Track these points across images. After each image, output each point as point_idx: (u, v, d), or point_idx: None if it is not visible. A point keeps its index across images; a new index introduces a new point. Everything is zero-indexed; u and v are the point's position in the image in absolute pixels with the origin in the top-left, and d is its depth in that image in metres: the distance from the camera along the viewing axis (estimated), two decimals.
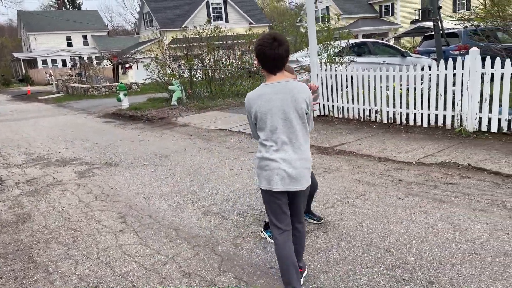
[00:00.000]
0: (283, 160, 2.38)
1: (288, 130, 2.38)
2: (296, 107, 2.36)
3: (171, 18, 32.04)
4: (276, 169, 2.39)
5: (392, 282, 2.68)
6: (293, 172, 2.38)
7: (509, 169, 4.55)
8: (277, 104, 2.36)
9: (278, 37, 2.33)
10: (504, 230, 3.25)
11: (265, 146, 2.43)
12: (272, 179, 2.40)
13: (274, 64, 2.36)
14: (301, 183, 2.42)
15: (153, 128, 9.60)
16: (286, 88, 2.37)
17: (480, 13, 7.37)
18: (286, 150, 2.39)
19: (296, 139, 2.39)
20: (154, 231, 3.76)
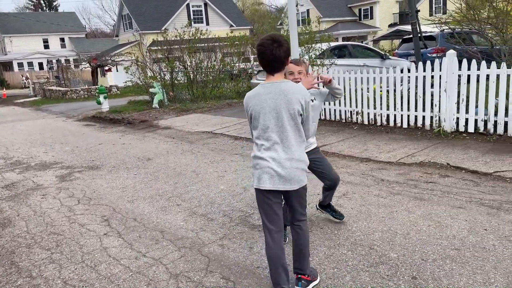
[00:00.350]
0: (273, 159, 2.41)
1: (279, 129, 2.41)
2: (288, 108, 2.39)
3: (151, 21, 31.78)
4: (265, 167, 2.42)
5: (376, 278, 2.75)
6: (282, 171, 2.41)
7: (485, 168, 4.70)
8: (269, 104, 2.40)
9: (277, 39, 2.38)
10: (482, 226, 3.36)
11: (257, 145, 2.48)
12: (261, 177, 2.44)
13: (272, 65, 2.41)
14: (291, 183, 2.44)
15: (134, 131, 9.51)
16: (279, 88, 2.40)
17: (456, 17, 7.60)
18: (276, 150, 2.42)
19: (286, 139, 2.41)
20: (139, 234, 3.73)
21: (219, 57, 15.26)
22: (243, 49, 16.73)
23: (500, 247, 3.01)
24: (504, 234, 3.19)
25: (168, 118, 10.91)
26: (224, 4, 35.40)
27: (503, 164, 4.73)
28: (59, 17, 51.19)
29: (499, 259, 2.85)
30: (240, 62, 16.21)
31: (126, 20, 34.51)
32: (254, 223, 3.78)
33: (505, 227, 3.31)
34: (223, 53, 16.12)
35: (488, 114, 5.82)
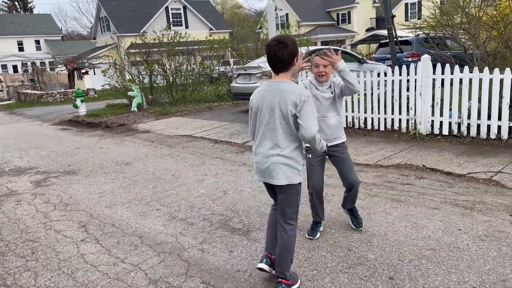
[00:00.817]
0: (261, 153, 2.60)
1: (271, 126, 2.55)
2: (281, 107, 2.50)
3: (129, 23, 31.45)
4: (256, 162, 2.65)
5: (355, 280, 2.79)
6: (268, 165, 2.56)
7: (459, 169, 4.84)
8: (267, 101, 2.55)
9: (283, 40, 2.50)
10: (456, 226, 3.46)
11: (253, 140, 2.71)
12: (255, 170, 2.70)
13: (275, 65, 2.54)
14: (276, 178, 2.56)
15: (112, 135, 9.37)
16: (277, 88, 2.53)
17: (430, 22, 7.80)
18: (266, 145, 2.58)
19: (275, 136, 2.54)
20: (117, 240, 3.68)
21: (198, 61, 15.22)
22: (222, 52, 16.74)
23: (474, 246, 3.10)
24: (478, 234, 3.29)
25: (147, 121, 10.80)
26: (204, 7, 35.37)
27: (476, 166, 4.87)
28: (34, 19, 50.08)
29: (472, 258, 2.93)
30: (220, 66, 16.20)
31: (104, 23, 34.05)
32: (235, 227, 3.78)
33: (478, 227, 3.41)
34: (202, 57, 16.09)
35: (461, 117, 5.99)
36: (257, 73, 9.90)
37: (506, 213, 3.64)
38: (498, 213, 3.64)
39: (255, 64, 10.63)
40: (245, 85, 10.30)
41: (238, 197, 4.56)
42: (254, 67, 10.26)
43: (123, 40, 21.03)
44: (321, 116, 3.26)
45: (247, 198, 4.51)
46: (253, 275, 2.93)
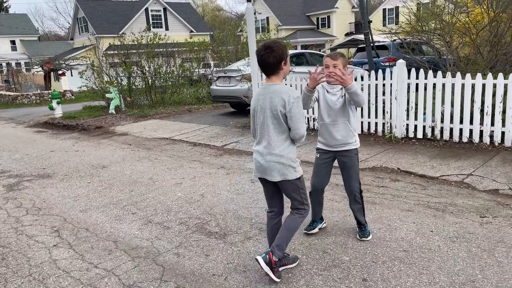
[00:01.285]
0: (258, 152, 2.78)
1: (265, 127, 2.73)
2: (272, 108, 2.67)
3: (108, 24, 31.02)
4: (254, 159, 2.82)
5: (329, 282, 2.82)
6: (263, 163, 2.75)
7: (432, 172, 4.95)
8: (261, 103, 2.72)
9: (269, 46, 2.64)
10: (428, 227, 3.53)
11: (255, 138, 2.86)
12: (254, 167, 2.86)
13: (264, 69, 2.70)
14: (271, 174, 2.75)
15: (89, 138, 9.21)
16: (268, 90, 2.70)
17: (405, 28, 7.97)
18: (261, 144, 2.77)
19: (268, 135, 2.72)
20: (91, 244, 3.62)
21: (178, 63, 15.12)
22: (202, 54, 16.69)
23: (445, 247, 3.17)
24: (449, 235, 3.37)
25: (125, 124, 10.66)
26: (184, 9, 35.22)
27: (448, 168, 5.00)
28: (9, 18, 48.80)
29: (443, 260, 3.00)
30: (200, 68, 16.15)
31: (82, 23, 33.49)
32: (211, 230, 3.77)
33: (449, 228, 3.49)
34: (182, 59, 16.00)
35: (435, 121, 6.13)
36: (237, 76, 9.91)
37: (476, 215, 3.74)
38: (469, 215, 3.74)
39: (234, 67, 10.65)
40: (224, 88, 10.30)
41: (216, 201, 4.55)
42: (233, 70, 10.27)
43: (101, 41, 20.72)
44: (332, 120, 3.25)
45: (225, 202, 4.50)
46: (229, 279, 2.92)
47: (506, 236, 3.29)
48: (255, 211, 4.18)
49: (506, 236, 3.30)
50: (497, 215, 3.71)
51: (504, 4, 6.43)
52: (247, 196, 4.62)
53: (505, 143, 5.57)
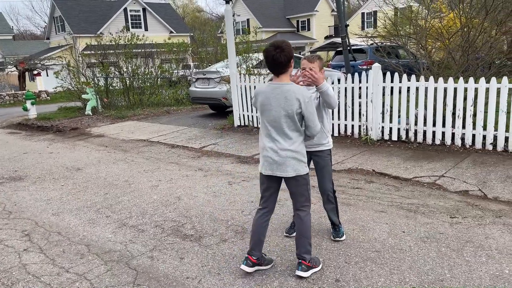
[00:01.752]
0: (271, 149, 2.80)
1: (278, 125, 2.77)
2: (286, 107, 2.72)
3: (86, 24, 30.51)
4: (266, 156, 2.83)
5: (303, 283, 2.84)
6: (278, 159, 2.78)
7: (406, 174, 5.05)
8: (272, 102, 2.77)
9: (279, 45, 2.71)
10: (400, 228, 3.61)
11: (261, 136, 2.89)
12: (263, 164, 2.87)
13: (274, 68, 2.75)
14: (286, 170, 2.80)
15: (64, 139, 9.03)
16: (281, 90, 2.75)
17: (381, 32, 8.12)
18: (275, 141, 2.79)
19: (283, 132, 2.78)
20: (63, 249, 3.55)
21: (157, 64, 14.99)
22: (182, 55, 16.59)
23: (416, 248, 3.25)
24: (420, 236, 3.45)
25: (101, 125, 10.49)
26: (164, 10, 34.94)
27: (421, 170, 5.11)
28: None
29: (414, 259, 3.07)
30: (179, 69, 16.04)
31: (58, 22, 32.81)
32: (187, 233, 3.75)
33: (420, 229, 3.57)
34: (161, 60, 15.87)
35: (409, 124, 6.26)
36: (216, 77, 9.89)
37: (446, 215, 3.83)
38: (440, 216, 3.84)
39: (213, 69, 10.62)
40: (203, 89, 10.26)
41: (192, 203, 4.53)
42: (213, 72, 10.24)
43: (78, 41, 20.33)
44: None
45: (201, 204, 4.48)
46: (202, 282, 2.91)
47: (474, 236, 3.39)
48: (231, 213, 4.17)
49: (475, 236, 3.40)
50: (467, 216, 3.81)
51: (475, 11, 6.62)
52: (224, 199, 4.61)
53: (476, 146, 5.74)
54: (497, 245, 3.21)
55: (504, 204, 4.06)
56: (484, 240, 3.31)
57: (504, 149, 5.54)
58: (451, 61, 6.71)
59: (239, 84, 8.52)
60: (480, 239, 3.33)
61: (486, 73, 6.21)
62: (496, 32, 6.39)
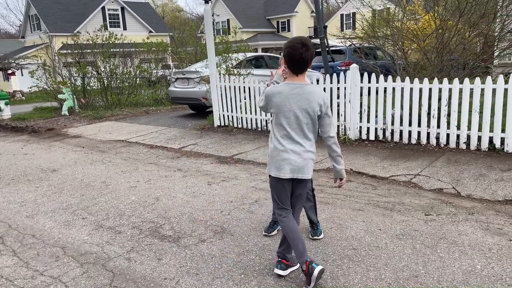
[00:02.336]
0: (293, 151, 2.71)
1: (300, 126, 2.71)
2: (309, 109, 2.68)
3: (62, 23, 29.90)
4: (287, 159, 2.72)
5: (281, 281, 2.86)
6: (301, 162, 2.72)
7: (383, 172, 5.14)
8: (291, 102, 2.68)
9: (306, 42, 2.64)
10: (377, 226, 3.67)
11: (277, 139, 2.76)
12: (282, 167, 2.73)
13: (299, 66, 2.67)
14: (308, 172, 2.76)
15: (39, 140, 8.82)
16: (302, 90, 2.69)
17: (358, 34, 8.24)
18: (296, 143, 2.72)
19: (304, 134, 2.73)
20: (37, 251, 3.47)
21: (136, 63, 14.81)
22: (161, 55, 16.44)
23: (391, 245, 3.31)
24: (396, 233, 3.51)
25: (78, 126, 10.30)
26: (143, 9, 34.55)
27: (397, 169, 5.21)
28: None
29: (389, 256, 3.13)
30: (159, 69, 15.89)
31: (34, 21, 32.05)
32: (165, 234, 3.72)
33: (396, 226, 3.64)
34: (140, 59, 15.69)
35: (386, 124, 6.37)
36: (196, 77, 9.85)
37: (421, 213, 3.92)
38: (415, 213, 3.92)
39: (193, 69, 10.57)
40: (183, 89, 10.19)
41: (171, 204, 4.49)
42: (192, 72, 10.19)
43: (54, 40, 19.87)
44: None
45: (180, 205, 4.45)
46: (180, 282, 2.90)
47: (448, 233, 3.47)
48: (210, 213, 4.16)
49: (448, 232, 3.48)
50: (441, 213, 3.90)
51: (449, 13, 6.79)
52: (203, 199, 4.60)
53: (450, 145, 5.88)
54: (470, 241, 3.30)
55: (477, 202, 4.17)
56: (457, 237, 3.39)
57: (477, 148, 5.69)
58: (427, 62, 6.86)
59: (219, 84, 8.50)
60: (453, 236, 3.41)
61: (460, 74, 6.37)
62: (469, 34, 6.57)
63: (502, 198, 4.20)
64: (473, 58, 6.66)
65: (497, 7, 6.69)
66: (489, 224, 3.60)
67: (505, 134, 5.48)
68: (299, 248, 2.76)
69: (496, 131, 5.54)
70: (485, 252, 3.12)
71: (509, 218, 3.73)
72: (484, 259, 3.02)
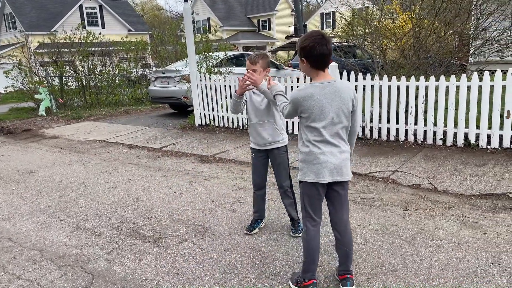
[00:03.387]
0: (331, 153, 2.52)
1: (338, 126, 2.51)
2: (342, 107, 2.50)
3: (38, 21, 29.23)
4: (325, 162, 2.52)
5: (262, 279, 2.87)
6: (338, 163, 2.53)
7: (362, 169, 5.21)
8: (325, 103, 2.47)
9: (325, 35, 2.44)
10: (357, 222, 3.72)
11: (310, 142, 2.54)
12: (320, 172, 2.53)
13: (323, 61, 2.46)
14: (346, 174, 2.58)
15: (15, 142, 8.62)
16: (333, 88, 2.49)
17: (337, 32, 8.32)
18: (334, 144, 2.53)
19: (342, 134, 2.55)
20: (14, 255, 3.40)
21: (114, 62, 14.60)
22: (141, 54, 16.25)
23: (371, 240, 3.36)
24: (375, 229, 3.57)
25: (56, 126, 10.10)
26: (122, 7, 34.06)
27: (376, 166, 5.29)
28: None
29: (369, 252, 3.18)
30: (138, 68, 15.71)
31: (9, 20, 31.22)
32: (145, 235, 3.69)
33: (375, 222, 3.70)
34: (119, 58, 15.47)
35: (365, 121, 6.46)
36: (176, 76, 9.78)
37: (400, 208, 3.99)
38: (393, 209, 3.99)
39: (173, 68, 10.49)
40: (163, 88, 10.11)
41: (151, 204, 4.46)
42: (172, 71, 10.11)
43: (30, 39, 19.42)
44: (259, 120, 3.37)
45: (161, 205, 4.42)
46: (161, 283, 2.88)
47: (425, 228, 3.55)
48: (192, 213, 4.15)
49: (425, 227, 3.56)
50: (418, 208, 3.99)
51: (425, 12, 6.92)
52: (184, 198, 4.58)
53: (427, 141, 6.00)
54: (446, 235, 3.38)
55: (453, 196, 4.27)
56: (434, 231, 3.47)
57: (453, 144, 5.83)
58: (404, 60, 6.98)
59: (200, 83, 8.46)
60: (430, 230, 3.49)
61: (436, 71, 6.51)
62: (445, 32, 6.71)
63: (477, 192, 4.31)
64: (449, 56, 6.81)
65: (471, 6, 6.85)
66: (465, 218, 3.70)
67: (479, 130, 5.63)
68: (311, 266, 2.66)
69: (471, 127, 5.68)
70: (461, 246, 3.20)
71: (484, 212, 3.84)
72: (460, 252, 3.10)
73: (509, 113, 5.40)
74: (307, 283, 2.65)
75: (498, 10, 6.60)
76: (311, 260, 2.66)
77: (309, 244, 2.64)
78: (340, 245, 2.73)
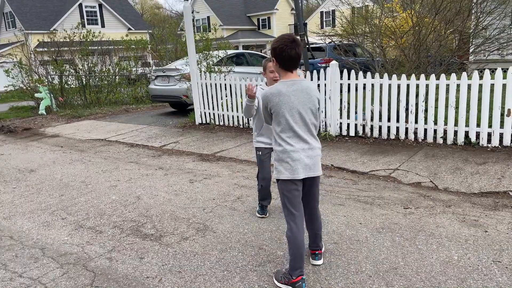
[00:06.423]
0: (303, 150, 2.64)
1: (306, 123, 2.64)
2: (310, 105, 2.64)
3: (38, 20, 29.20)
4: (298, 159, 2.63)
5: (263, 277, 2.88)
6: (310, 160, 2.67)
7: (363, 168, 5.22)
8: (293, 100, 2.61)
9: (295, 38, 2.61)
10: (357, 220, 3.72)
11: (283, 139, 2.65)
12: (295, 168, 2.64)
13: (292, 63, 2.61)
14: (319, 169, 2.73)
15: (16, 140, 8.62)
16: (301, 86, 2.63)
17: (338, 31, 8.32)
18: (305, 141, 2.66)
19: (309, 131, 2.67)
20: (15, 253, 3.40)
21: (114, 61, 14.60)
22: (141, 53, 16.24)
23: (372, 238, 3.37)
24: (375, 227, 3.58)
25: (56, 125, 10.10)
26: (121, 6, 34.00)
27: (377, 164, 5.29)
28: None
29: (370, 249, 3.18)
30: (138, 67, 15.70)
31: (9, 18, 31.17)
32: (147, 233, 3.70)
33: (376, 220, 3.70)
34: (119, 57, 15.47)
35: (365, 119, 6.47)
36: (176, 75, 9.77)
37: (400, 207, 4.00)
38: (394, 207, 4.00)
39: (173, 67, 10.48)
40: (163, 87, 10.11)
41: (152, 202, 4.46)
42: (172, 69, 10.11)
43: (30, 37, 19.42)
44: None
45: (162, 203, 4.43)
46: (163, 281, 2.89)
47: (426, 225, 3.56)
48: (193, 211, 4.15)
49: (426, 225, 3.57)
50: (419, 206, 3.99)
51: (426, 10, 6.92)
52: (185, 197, 4.58)
53: (428, 139, 6.01)
54: (447, 233, 3.39)
55: (453, 194, 4.28)
56: (435, 229, 3.48)
57: (453, 142, 5.83)
58: (404, 59, 6.98)
59: (200, 82, 8.46)
60: (431, 228, 3.50)
61: (437, 70, 6.51)
62: (445, 31, 6.71)
63: (477, 190, 4.32)
64: (449, 55, 6.82)
65: (471, 4, 6.85)
66: (466, 216, 3.71)
67: (480, 128, 5.64)
68: (299, 263, 2.67)
69: (471, 125, 5.69)
70: (462, 243, 3.20)
71: (485, 210, 3.85)
72: (461, 250, 3.10)
73: (509, 111, 5.41)
74: (296, 279, 2.67)
75: (498, 8, 6.60)
76: (299, 256, 2.69)
77: (295, 240, 2.69)
78: (311, 228, 2.98)
